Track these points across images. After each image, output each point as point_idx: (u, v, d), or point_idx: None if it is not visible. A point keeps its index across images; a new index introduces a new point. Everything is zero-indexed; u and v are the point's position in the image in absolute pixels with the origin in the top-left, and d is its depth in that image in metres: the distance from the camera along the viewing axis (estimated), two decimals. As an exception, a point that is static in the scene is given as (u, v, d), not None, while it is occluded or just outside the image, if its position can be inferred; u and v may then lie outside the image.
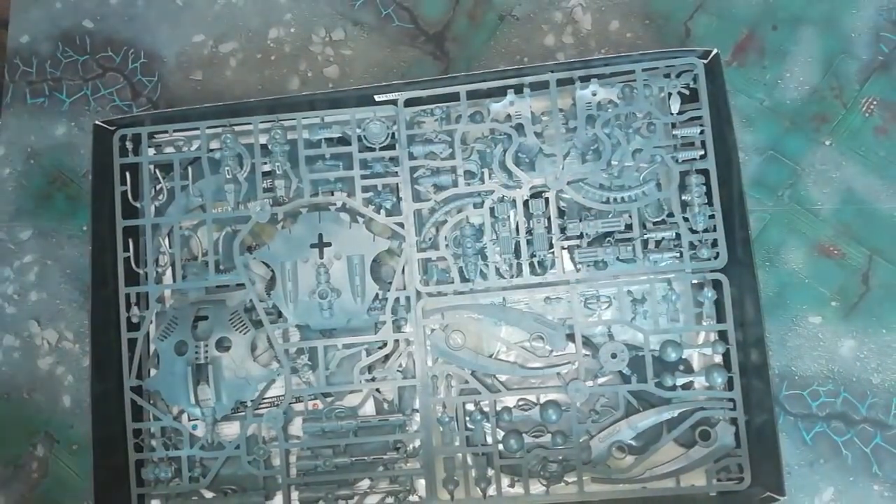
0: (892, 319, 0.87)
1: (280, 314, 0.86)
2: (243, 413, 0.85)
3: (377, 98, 0.85)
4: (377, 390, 0.86)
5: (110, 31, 1.01)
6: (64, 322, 0.96)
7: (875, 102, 0.91)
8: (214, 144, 0.86)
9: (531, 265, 0.82)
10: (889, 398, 0.85)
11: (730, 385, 0.80)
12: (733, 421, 0.80)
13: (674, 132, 0.82)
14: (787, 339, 0.87)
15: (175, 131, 0.87)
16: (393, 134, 0.85)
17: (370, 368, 0.85)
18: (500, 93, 0.84)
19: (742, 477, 0.79)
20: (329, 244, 0.86)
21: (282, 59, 0.99)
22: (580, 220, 0.81)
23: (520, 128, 0.83)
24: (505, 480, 0.81)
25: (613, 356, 0.80)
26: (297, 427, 0.85)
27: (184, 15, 1.00)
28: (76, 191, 0.97)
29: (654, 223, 0.82)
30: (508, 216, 0.82)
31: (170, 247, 0.86)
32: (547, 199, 0.82)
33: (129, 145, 0.87)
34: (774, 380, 0.85)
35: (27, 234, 0.98)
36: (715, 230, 0.80)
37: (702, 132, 0.81)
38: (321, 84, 0.97)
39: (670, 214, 0.82)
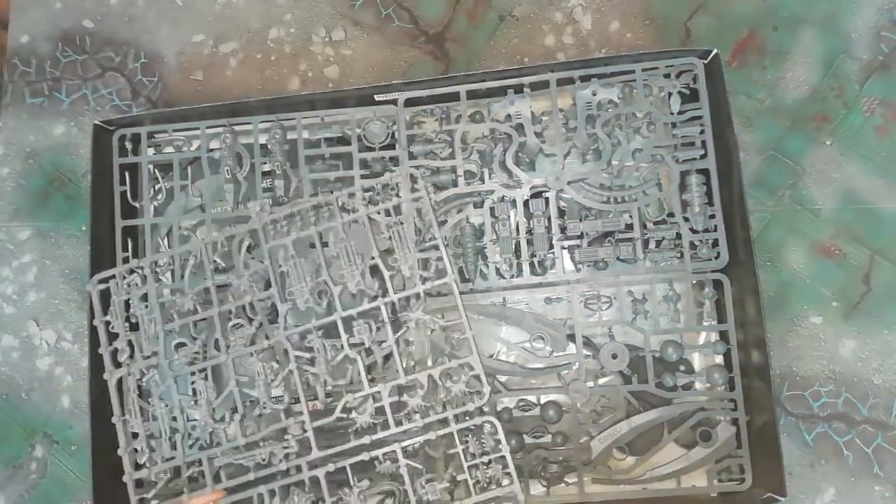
0: (894, 319, 0.86)
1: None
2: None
3: (377, 98, 0.85)
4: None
5: (110, 31, 1.01)
6: (63, 322, 0.95)
7: (876, 102, 0.90)
8: (214, 144, 0.86)
9: (531, 265, 0.82)
10: (890, 399, 0.85)
11: (731, 385, 0.80)
12: (734, 421, 0.79)
13: (674, 132, 0.82)
14: (787, 339, 0.87)
15: (174, 131, 0.87)
16: (393, 134, 0.85)
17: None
18: (500, 93, 0.84)
19: (743, 478, 0.79)
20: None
21: (282, 59, 0.98)
22: (580, 220, 0.81)
23: (520, 128, 0.83)
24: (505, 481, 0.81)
25: (614, 356, 0.80)
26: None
27: (184, 15, 1.00)
28: (75, 191, 0.97)
29: (655, 223, 0.82)
30: (508, 216, 0.82)
31: (169, 247, 0.86)
32: (547, 199, 0.82)
33: (128, 145, 0.87)
34: (775, 380, 0.85)
35: (26, 234, 0.97)
36: (715, 230, 0.80)
37: (702, 132, 0.81)
38: (321, 84, 0.97)
39: (671, 214, 0.81)
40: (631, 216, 0.81)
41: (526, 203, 0.82)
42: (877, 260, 0.87)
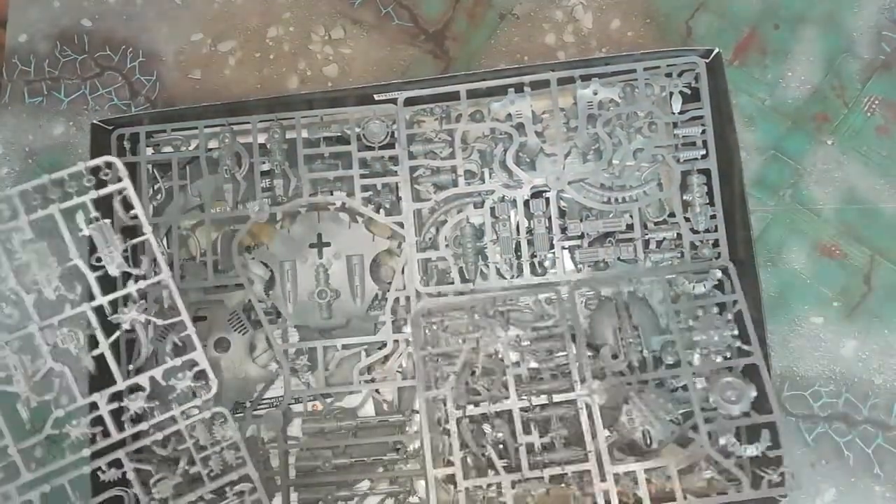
0: (894, 320, 0.86)
1: (279, 314, 0.86)
2: (242, 414, 0.84)
3: (377, 97, 0.84)
4: (377, 391, 0.85)
5: (108, 31, 1.00)
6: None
7: (877, 102, 0.90)
8: (213, 144, 0.86)
9: (532, 265, 0.82)
10: (891, 399, 0.85)
11: (731, 386, 0.80)
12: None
13: (675, 132, 0.82)
14: (788, 339, 0.87)
15: (173, 130, 0.86)
16: (392, 133, 0.84)
17: (369, 369, 0.84)
18: (500, 92, 0.83)
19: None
20: (328, 244, 0.86)
21: (281, 58, 0.98)
22: (581, 220, 0.81)
23: (520, 127, 0.82)
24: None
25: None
26: (296, 428, 0.85)
27: (182, 14, 1.00)
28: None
29: (656, 223, 0.82)
30: (509, 216, 0.82)
31: (168, 247, 0.86)
32: (548, 199, 0.82)
33: (126, 145, 0.86)
34: (776, 380, 0.85)
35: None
36: (716, 230, 0.80)
37: (703, 132, 0.81)
38: (320, 83, 0.97)
39: (671, 214, 0.81)
40: (632, 216, 0.80)
41: (526, 203, 0.82)
42: (877, 260, 0.87)
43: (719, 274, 0.78)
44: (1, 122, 0.99)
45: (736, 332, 0.78)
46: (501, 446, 0.80)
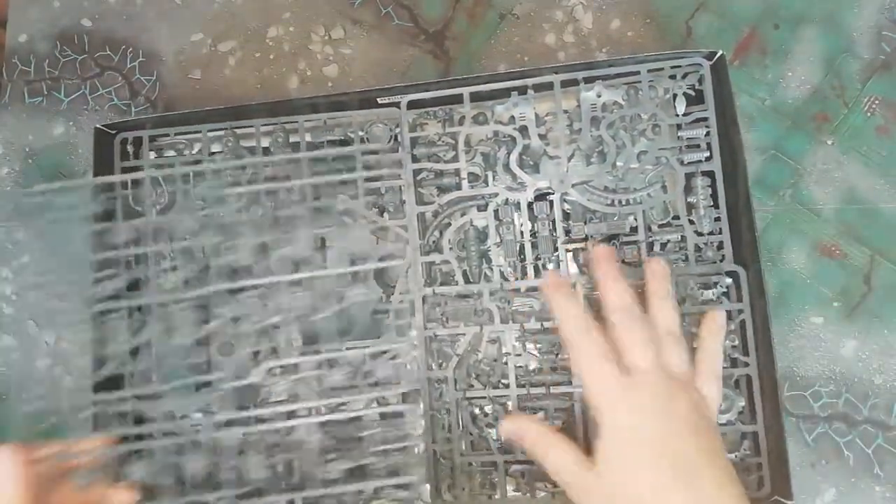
0: (894, 320, 0.87)
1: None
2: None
3: (380, 101, 0.84)
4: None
5: (108, 31, 1.00)
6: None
7: (877, 102, 0.91)
8: (216, 147, 0.86)
9: (535, 268, 0.82)
10: (891, 399, 0.86)
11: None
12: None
13: (679, 134, 0.82)
14: (788, 339, 0.87)
15: (176, 134, 0.86)
16: (395, 136, 0.84)
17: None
18: (503, 94, 0.83)
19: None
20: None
21: (281, 58, 0.98)
22: (585, 223, 0.81)
23: (524, 130, 0.82)
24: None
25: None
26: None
27: (182, 14, 1.00)
28: (75, 191, 0.97)
29: (660, 226, 0.82)
30: (513, 219, 0.82)
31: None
32: (551, 202, 0.82)
33: (129, 148, 0.86)
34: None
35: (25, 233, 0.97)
36: (721, 232, 0.80)
37: (707, 134, 0.81)
38: (320, 83, 0.97)
39: (676, 217, 0.81)
40: (636, 219, 0.81)
41: (530, 206, 0.82)
42: (877, 260, 0.88)
43: (729, 281, 0.79)
44: (1, 122, 0.99)
45: (736, 343, 0.79)
46: (496, 430, 0.81)
